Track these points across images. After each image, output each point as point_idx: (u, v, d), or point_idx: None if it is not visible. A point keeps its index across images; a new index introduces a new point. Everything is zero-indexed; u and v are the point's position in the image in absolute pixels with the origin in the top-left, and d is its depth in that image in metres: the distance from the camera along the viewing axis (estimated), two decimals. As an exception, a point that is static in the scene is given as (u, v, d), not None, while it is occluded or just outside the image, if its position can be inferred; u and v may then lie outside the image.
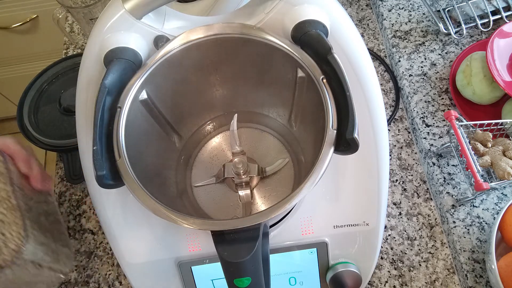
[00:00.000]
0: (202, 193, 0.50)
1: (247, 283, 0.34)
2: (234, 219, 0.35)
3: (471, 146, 0.55)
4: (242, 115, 0.50)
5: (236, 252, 0.33)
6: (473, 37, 0.71)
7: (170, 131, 0.49)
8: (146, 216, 0.46)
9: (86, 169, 0.45)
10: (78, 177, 0.65)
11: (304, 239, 0.46)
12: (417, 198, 0.62)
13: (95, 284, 0.60)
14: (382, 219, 0.47)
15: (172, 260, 0.46)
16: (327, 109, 0.36)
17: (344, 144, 0.35)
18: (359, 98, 0.43)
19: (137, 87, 0.40)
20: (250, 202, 0.47)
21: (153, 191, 0.36)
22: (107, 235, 0.46)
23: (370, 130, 0.44)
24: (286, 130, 0.51)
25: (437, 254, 0.58)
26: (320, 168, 0.34)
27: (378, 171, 0.46)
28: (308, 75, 0.39)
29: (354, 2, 0.80)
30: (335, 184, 0.46)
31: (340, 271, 0.47)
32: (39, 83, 0.69)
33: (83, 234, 0.64)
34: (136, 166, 0.37)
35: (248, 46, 0.42)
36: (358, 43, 0.45)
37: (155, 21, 0.43)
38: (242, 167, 0.46)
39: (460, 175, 0.60)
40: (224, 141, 0.53)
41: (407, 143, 0.66)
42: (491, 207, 0.57)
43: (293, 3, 0.41)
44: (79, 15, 0.70)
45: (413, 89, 0.68)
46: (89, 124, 0.43)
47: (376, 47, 0.75)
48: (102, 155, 0.35)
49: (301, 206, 0.46)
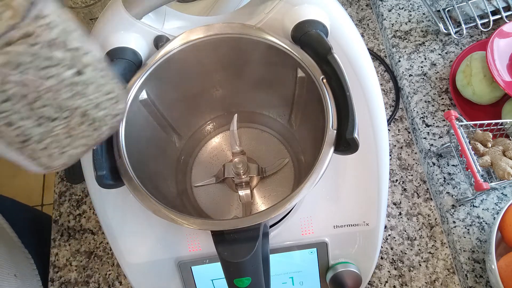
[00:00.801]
0: (202, 193, 0.50)
1: (247, 283, 0.34)
2: (234, 219, 0.35)
3: (471, 146, 0.55)
4: (242, 115, 0.50)
5: (236, 252, 0.33)
6: (473, 37, 0.71)
7: (170, 131, 0.49)
8: (146, 216, 0.46)
9: (86, 169, 0.45)
10: (78, 177, 0.65)
11: (304, 239, 0.46)
12: (417, 198, 0.62)
13: (95, 284, 0.60)
14: (382, 219, 0.47)
15: (172, 260, 0.46)
16: (327, 109, 0.36)
17: (344, 144, 0.35)
18: (359, 98, 0.43)
19: (137, 87, 0.40)
20: (250, 202, 0.47)
21: (153, 191, 0.36)
22: (107, 235, 0.46)
23: (370, 130, 0.44)
24: (286, 130, 0.51)
25: (437, 254, 0.58)
26: (320, 168, 0.34)
27: (378, 171, 0.46)
28: (308, 75, 0.39)
29: (354, 2, 0.80)
30: (335, 184, 0.46)
31: (340, 271, 0.47)
32: (39, 83, 0.69)
33: (83, 234, 0.64)
34: (136, 166, 0.37)
35: (248, 46, 0.42)
36: (358, 43, 0.45)
37: (155, 21, 0.43)
38: (242, 167, 0.46)
39: (460, 175, 0.60)
40: (224, 141, 0.53)
41: (407, 143, 0.66)
42: (491, 207, 0.57)
43: (293, 3, 0.41)
44: (79, 15, 0.70)
45: (413, 89, 0.68)
46: (89, 124, 0.43)
47: (376, 47, 0.75)
48: (102, 155, 0.35)
49: (301, 206, 0.46)
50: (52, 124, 0.24)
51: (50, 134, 0.24)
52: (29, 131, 0.23)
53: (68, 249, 0.63)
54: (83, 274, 0.61)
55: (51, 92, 0.22)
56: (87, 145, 0.27)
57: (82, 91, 0.24)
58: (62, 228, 0.65)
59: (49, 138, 0.24)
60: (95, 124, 0.26)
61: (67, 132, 0.25)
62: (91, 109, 0.25)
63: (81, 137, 0.26)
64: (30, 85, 0.21)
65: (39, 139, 0.24)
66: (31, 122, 0.23)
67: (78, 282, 0.61)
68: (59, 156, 0.25)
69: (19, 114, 0.22)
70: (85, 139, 0.26)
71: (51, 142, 0.24)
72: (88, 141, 0.26)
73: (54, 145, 0.25)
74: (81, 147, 0.26)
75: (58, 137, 0.24)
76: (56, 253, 0.63)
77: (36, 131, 0.23)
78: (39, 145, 0.24)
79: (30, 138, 0.23)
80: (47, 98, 0.22)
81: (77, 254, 0.62)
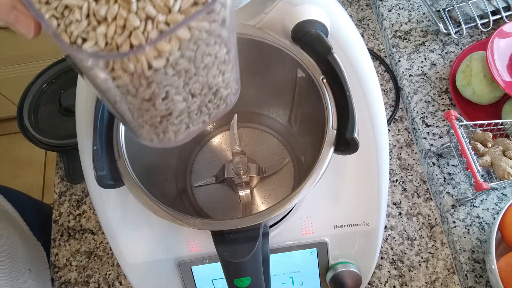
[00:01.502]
0: (202, 193, 0.50)
1: (247, 283, 0.34)
2: (234, 219, 0.35)
3: (471, 146, 0.55)
4: (242, 115, 0.50)
5: (236, 252, 0.33)
6: (473, 37, 0.71)
7: (170, 131, 0.49)
8: (146, 216, 0.46)
9: (86, 169, 0.45)
10: (78, 177, 0.65)
11: (304, 239, 0.46)
12: (417, 198, 0.62)
13: (95, 284, 0.60)
14: (382, 219, 0.47)
15: (172, 260, 0.46)
16: (327, 109, 0.36)
17: (344, 144, 0.35)
18: (359, 98, 0.43)
19: (137, 87, 0.40)
20: (250, 202, 0.47)
21: (153, 191, 0.36)
22: (107, 235, 0.46)
23: (370, 130, 0.44)
24: (286, 130, 0.51)
25: (437, 254, 0.58)
26: (320, 168, 0.34)
27: (378, 171, 0.46)
28: (308, 75, 0.39)
29: (354, 2, 0.80)
30: (335, 184, 0.46)
31: (340, 271, 0.46)
32: (39, 83, 0.69)
33: (83, 234, 0.64)
34: (136, 166, 0.37)
35: (248, 46, 0.42)
36: (358, 43, 0.45)
37: (155, 21, 0.43)
38: (242, 167, 0.46)
39: (460, 175, 0.60)
40: (224, 141, 0.53)
41: (407, 143, 0.66)
42: (491, 207, 0.57)
43: (293, 3, 0.41)
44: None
45: (413, 89, 0.68)
46: (89, 124, 0.43)
47: (376, 47, 0.75)
48: (102, 155, 0.35)
49: (301, 206, 0.46)
50: (192, 100, 0.24)
51: (188, 110, 0.25)
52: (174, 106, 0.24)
53: (68, 249, 0.63)
54: (83, 274, 0.61)
55: (206, 69, 0.23)
56: (205, 122, 0.27)
57: (223, 70, 0.25)
58: (62, 228, 0.65)
59: (185, 113, 0.25)
60: (219, 102, 0.27)
61: (199, 108, 0.25)
62: (222, 88, 0.26)
63: (205, 114, 0.26)
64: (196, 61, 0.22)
65: (179, 114, 0.24)
66: (180, 97, 0.23)
67: (78, 282, 0.61)
68: (184, 132, 0.26)
69: (176, 89, 0.23)
70: (207, 116, 0.27)
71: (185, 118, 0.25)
72: (207, 118, 0.27)
73: (185, 121, 0.25)
74: (201, 124, 0.27)
75: (191, 113, 0.25)
76: (56, 253, 0.63)
77: (180, 106, 0.24)
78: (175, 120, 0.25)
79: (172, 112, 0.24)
80: (201, 74, 0.23)
81: (77, 254, 0.62)
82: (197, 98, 0.24)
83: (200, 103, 0.25)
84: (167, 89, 0.22)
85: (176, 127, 0.25)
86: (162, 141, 0.26)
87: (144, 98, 0.22)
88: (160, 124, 0.25)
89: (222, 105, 0.27)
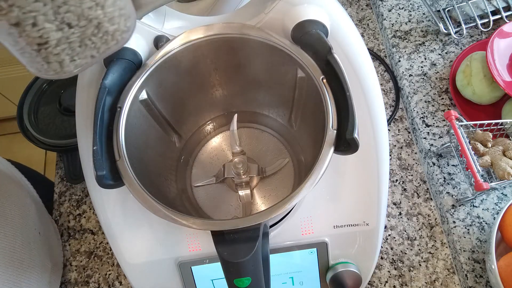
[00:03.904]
0: (202, 193, 0.50)
1: (247, 283, 0.34)
2: (234, 219, 0.35)
3: (471, 146, 0.55)
4: (242, 115, 0.50)
5: (236, 252, 0.33)
6: (473, 37, 0.71)
7: (170, 131, 0.49)
8: (146, 216, 0.46)
9: (86, 169, 0.45)
10: (78, 177, 0.65)
11: (304, 239, 0.46)
12: (417, 198, 0.62)
13: (95, 284, 0.60)
14: (382, 219, 0.47)
15: (172, 260, 0.46)
16: (327, 109, 0.36)
17: (344, 144, 0.35)
18: (359, 98, 0.43)
19: (137, 87, 0.40)
20: (250, 202, 0.47)
21: (153, 191, 0.36)
22: (107, 235, 0.46)
23: (370, 130, 0.44)
24: (286, 130, 0.51)
25: (437, 254, 0.58)
26: (320, 168, 0.34)
27: (378, 171, 0.46)
28: (308, 75, 0.39)
29: (354, 2, 0.80)
30: (335, 184, 0.46)
31: (340, 271, 0.47)
32: (39, 83, 0.69)
33: (83, 234, 0.64)
34: (136, 166, 0.37)
35: (248, 46, 0.42)
36: (358, 43, 0.45)
37: (155, 21, 0.43)
38: (242, 167, 0.46)
39: (460, 175, 0.60)
40: (224, 141, 0.53)
41: (407, 143, 0.66)
42: (491, 207, 0.57)
43: (293, 3, 0.41)
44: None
45: (413, 89, 0.68)
46: (89, 124, 0.43)
47: (376, 47, 0.75)
48: (102, 155, 0.35)
49: (301, 206, 0.46)
50: (70, 30, 0.26)
51: (67, 40, 0.26)
52: (49, 34, 0.25)
53: (68, 249, 0.63)
54: (83, 274, 0.61)
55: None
56: (94, 57, 0.29)
57: (101, 3, 0.26)
58: (62, 228, 0.65)
59: (65, 44, 0.26)
60: (105, 37, 0.28)
61: (81, 41, 0.27)
62: (105, 22, 0.27)
63: (91, 48, 0.28)
64: None
65: (56, 43, 0.26)
66: (53, 26, 0.25)
67: (78, 282, 0.61)
68: (69, 63, 0.28)
69: (45, 16, 0.24)
70: (95, 50, 0.28)
71: (65, 49, 0.27)
72: (96, 53, 0.28)
73: (67, 52, 0.27)
74: (89, 58, 0.28)
75: (72, 45, 0.27)
76: (56, 253, 0.63)
77: (56, 35, 0.25)
78: (54, 50, 0.26)
79: (49, 41, 0.25)
80: (72, 4, 0.25)
81: (77, 254, 0.62)
82: (76, 29, 0.26)
83: (81, 35, 0.26)
84: (34, 15, 0.24)
85: (59, 58, 0.27)
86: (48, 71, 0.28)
87: (10, 23, 0.23)
88: (39, 53, 0.26)
89: (112, 41, 0.29)
